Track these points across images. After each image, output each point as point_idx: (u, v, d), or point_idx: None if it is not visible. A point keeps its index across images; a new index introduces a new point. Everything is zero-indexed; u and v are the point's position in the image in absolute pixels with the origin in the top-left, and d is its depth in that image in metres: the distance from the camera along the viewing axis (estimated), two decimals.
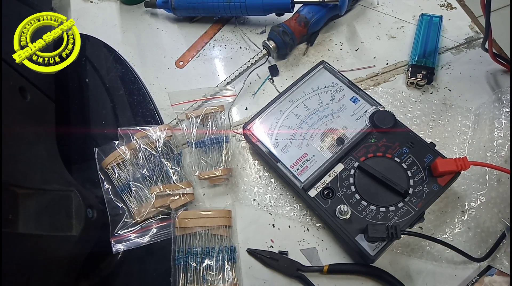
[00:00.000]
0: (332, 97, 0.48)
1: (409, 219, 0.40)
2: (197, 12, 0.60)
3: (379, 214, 0.41)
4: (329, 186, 0.43)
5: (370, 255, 0.39)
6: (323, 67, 0.51)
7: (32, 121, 0.43)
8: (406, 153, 0.43)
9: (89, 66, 0.58)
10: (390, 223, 0.40)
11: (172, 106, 0.51)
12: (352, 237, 0.40)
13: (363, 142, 0.45)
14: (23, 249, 0.34)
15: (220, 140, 0.49)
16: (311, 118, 0.47)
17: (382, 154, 0.44)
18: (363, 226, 0.40)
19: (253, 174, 0.49)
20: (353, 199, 0.42)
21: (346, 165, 0.44)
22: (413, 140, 0.44)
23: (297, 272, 0.43)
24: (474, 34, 0.56)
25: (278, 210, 0.47)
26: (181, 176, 0.48)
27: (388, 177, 0.41)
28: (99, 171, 0.48)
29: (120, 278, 0.46)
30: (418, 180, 0.42)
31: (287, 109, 0.48)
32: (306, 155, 0.45)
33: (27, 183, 0.37)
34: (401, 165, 0.43)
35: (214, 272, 0.43)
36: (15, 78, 0.42)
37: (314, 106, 0.48)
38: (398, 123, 0.45)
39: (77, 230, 0.39)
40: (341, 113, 0.47)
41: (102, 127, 0.54)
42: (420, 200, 0.41)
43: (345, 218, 0.41)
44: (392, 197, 0.41)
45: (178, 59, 0.59)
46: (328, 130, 0.46)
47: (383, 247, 0.39)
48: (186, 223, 0.44)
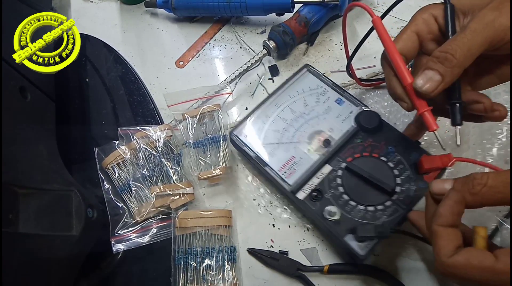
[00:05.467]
0: (317, 99, 0.48)
1: (397, 217, 0.40)
2: (197, 12, 0.60)
3: (368, 213, 0.41)
4: (317, 187, 0.43)
5: (360, 254, 0.39)
6: (307, 70, 0.51)
7: (32, 121, 0.43)
8: (392, 152, 0.43)
9: (89, 66, 0.58)
10: (379, 222, 0.40)
11: (169, 107, 0.51)
12: (341, 238, 0.40)
13: (349, 142, 0.45)
14: (23, 249, 0.34)
15: (217, 139, 0.49)
16: (298, 121, 0.47)
17: (369, 154, 0.44)
18: (352, 226, 0.40)
19: (253, 174, 0.49)
20: (342, 199, 0.42)
21: (334, 166, 0.44)
22: (398, 139, 0.44)
23: (297, 272, 0.43)
24: None
25: (277, 210, 0.47)
26: (181, 176, 0.48)
27: (375, 177, 0.42)
28: (99, 171, 0.48)
29: (120, 278, 0.46)
30: (405, 178, 0.42)
31: (273, 113, 0.48)
32: (293, 158, 0.45)
33: (27, 182, 0.37)
34: (388, 164, 0.43)
35: (214, 272, 0.43)
36: (15, 78, 0.42)
37: (300, 109, 0.48)
38: (384, 122, 0.45)
39: (77, 230, 0.39)
40: (326, 115, 0.47)
41: (102, 127, 0.54)
42: (407, 198, 0.41)
43: (334, 219, 0.41)
44: (380, 196, 0.41)
45: (178, 59, 0.59)
46: (314, 133, 0.46)
47: (373, 246, 0.40)
48: (186, 223, 0.44)
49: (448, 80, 0.34)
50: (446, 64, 0.34)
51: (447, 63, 0.33)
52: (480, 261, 0.28)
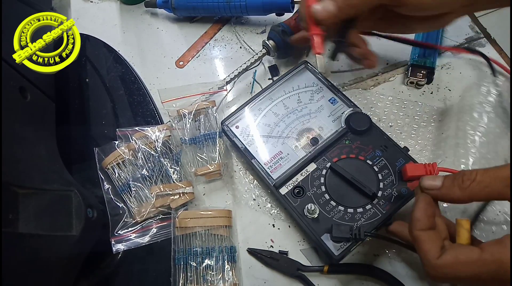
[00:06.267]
0: (311, 97, 0.49)
1: (375, 221, 0.41)
2: (197, 12, 0.60)
3: (347, 214, 0.41)
4: (300, 184, 0.43)
5: (334, 254, 0.40)
6: (305, 67, 0.51)
7: (32, 121, 0.43)
8: (379, 156, 0.44)
9: (89, 66, 0.58)
10: (356, 224, 0.40)
11: (163, 103, 0.51)
12: (318, 236, 0.40)
13: (337, 143, 0.45)
14: (23, 249, 0.34)
15: (213, 135, 0.49)
16: (289, 117, 0.48)
17: (355, 156, 0.44)
18: (330, 225, 0.40)
19: (245, 168, 0.50)
20: (323, 198, 0.42)
21: (319, 165, 0.44)
22: (387, 144, 0.44)
23: (297, 272, 0.43)
24: (475, 34, 0.56)
25: (277, 210, 0.47)
26: (180, 175, 0.48)
27: (357, 179, 0.42)
28: (99, 171, 0.48)
29: (120, 278, 0.46)
30: (388, 184, 0.42)
31: (266, 107, 0.49)
32: (280, 153, 0.46)
33: (27, 183, 0.37)
34: (373, 168, 0.43)
35: (214, 272, 0.43)
36: (15, 78, 0.42)
37: (293, 105, 0.48)
38: (374, 125, 0.45)
39: (77, 230, 0.39)
40: (318, 114, 0.47)
41: (102, 127, 0.54)
42: (388, 203, 0.41)
43: (313, 217, 0.41)
44: (361, 199, 0.42)
45: (178, 59, 0.59)
46: (304, 130, 0.47)
47: (348, 248, 0.40)
48: (186, 223, 0.44)
49: (340, 16, 0.39)
50: (345, 1, 0.39)
51: (346, 1, 0.39)
52: (467, 256, 0.29)
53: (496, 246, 0.29)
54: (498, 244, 0.29)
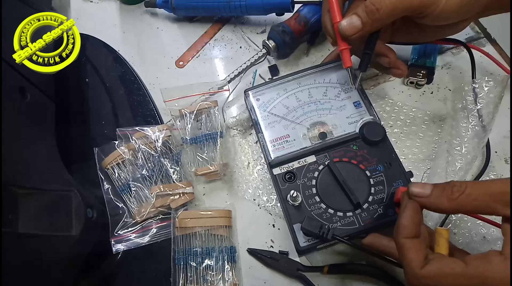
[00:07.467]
0: (338, 94, 0.48)
1: (350, 230, 0.40)
2: (197, 12, 0.60)
3: (326, 214, 0.41)
4: (294, 171, 0.44)
5: (299, 245, 0.40)
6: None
7: (32, 121, 0.43)
8: (380, 171, 0.43)
9: (89, 66, 0.58)
10: (330, 226, 0.40)
11: (165, 102, 0.51)
12: (291, 223, 0.41)
13: (344, 145, 0.45)
14: (22, 249, 0.34)
15: (214, 135, 0.49)
16: (309, 106, 0.48)
17: (357, 162, 0.44)
18: (304, 217, 0.40)
19: (253, 173, 0.50)
20: (309, 191, 0.43)
21: (318, 159, 0.44)
22: (392, 162, 0.44)
23: (297, 272, 0.43)
24: (475, 34, 0.56)
25: (277, 210, 0.47)
26: (180, 175, 0.48)
27: (348, 185, 0.42)
28: (99, 171, 0.48)
29: (120, 278, 0.46)
30: (377, 200, 0.42)
31: (292, 89, 0.49)
32: (287, 137, 0.46)
33: (27, 183, 0.37)
34: (369, 180, 0.43)
35: (214, 272, 0.43)
36: (15, 78, 0.42)
37: (318, 97, 0.48)
38: (386, 140, 0.45)
39: (77, 230, 0.39)
40: (338, 112, 0.47)
41: (102, 127, 0.54)
42: (369, 217, 0.41)
43: (293, 204, 0.42)
44: (345, 204, 0.42)
45: (178, 59, 0.59)
46: (318, 122, 0.47)
47: (314, 244, 0.40)
48: (186, 223, 0.44)
49: (367, 30, 0.40)
50: (370, 16, 0.39)
51: (371, 15, 0.39)
52: (452, 268, 0.29)
53: (481, 261, 0.28)
54: (483, 259, 0.28)
